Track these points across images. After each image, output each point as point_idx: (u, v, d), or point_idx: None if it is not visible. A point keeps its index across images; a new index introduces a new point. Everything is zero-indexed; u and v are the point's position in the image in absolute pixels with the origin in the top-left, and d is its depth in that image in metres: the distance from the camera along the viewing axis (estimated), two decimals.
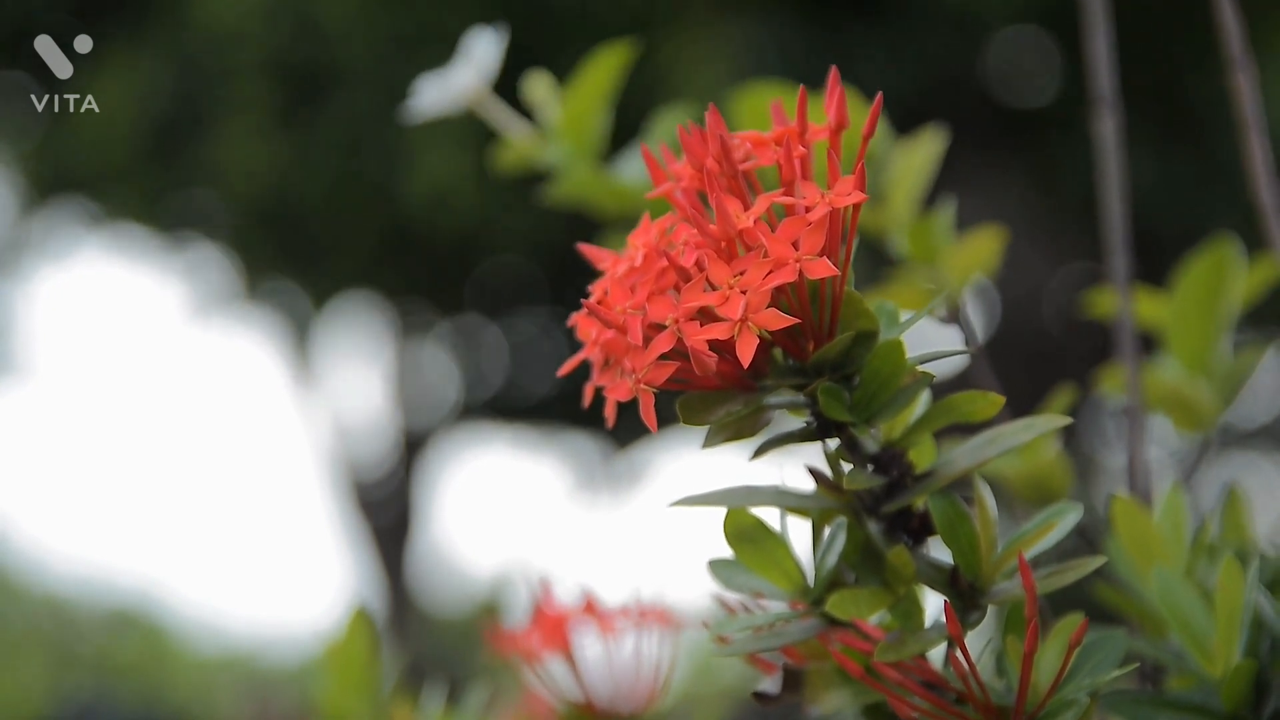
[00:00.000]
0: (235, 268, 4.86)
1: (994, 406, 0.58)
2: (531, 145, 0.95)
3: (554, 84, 0.96)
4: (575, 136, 0.94)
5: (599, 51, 0.93)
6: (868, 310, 0.56)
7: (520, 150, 0.96)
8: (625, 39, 0.95)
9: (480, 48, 0.94)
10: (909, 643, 0.58)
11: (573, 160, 0.94)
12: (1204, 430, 0.90)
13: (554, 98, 0.95)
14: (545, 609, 0.86)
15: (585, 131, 0.94)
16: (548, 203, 0.96)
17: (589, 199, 0.94)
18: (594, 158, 0.95)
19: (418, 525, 5.95)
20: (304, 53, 3.90)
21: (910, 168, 0.89)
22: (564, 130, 0.94)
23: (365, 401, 5.91)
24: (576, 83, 0.94)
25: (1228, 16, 0.83)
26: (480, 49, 0.93)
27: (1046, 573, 0.59)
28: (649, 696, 0.87)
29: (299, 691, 4.52)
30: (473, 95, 0.93)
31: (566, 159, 0.94)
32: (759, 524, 0.61)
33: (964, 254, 0.91)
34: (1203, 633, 0.65)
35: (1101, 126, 0.89)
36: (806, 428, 0.59)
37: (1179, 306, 0.90)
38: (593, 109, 0.94)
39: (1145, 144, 3.53)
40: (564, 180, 0.94)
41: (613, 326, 0.55)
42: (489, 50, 0.93)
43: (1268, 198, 0.82)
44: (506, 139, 0.96)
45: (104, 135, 4.12)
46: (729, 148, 0.57)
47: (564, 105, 0.94)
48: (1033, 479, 0.91)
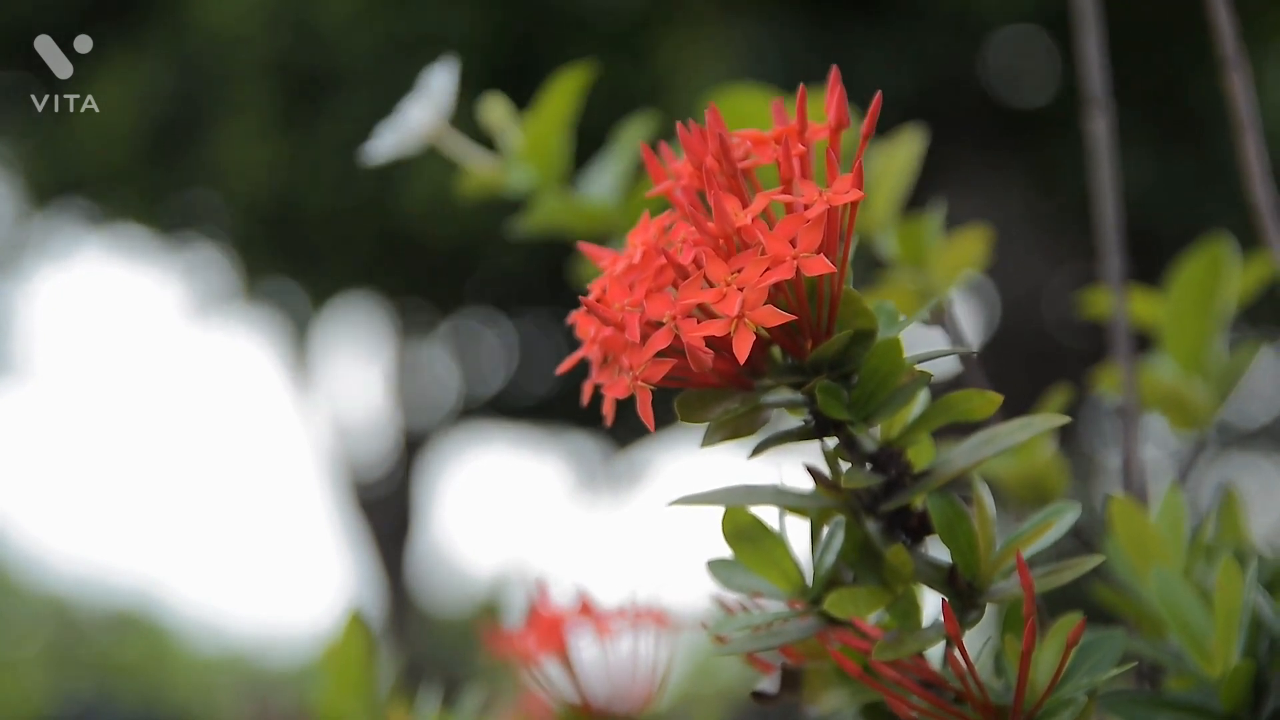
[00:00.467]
0: (235, 268, 4.86)
1: (991, 405, 0.58)
2: (494, 172, 0.95)
3: (512, 109, 0.95)
4: (539, 162, 0.93)
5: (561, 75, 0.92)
6: (866, 309, 0.56)
7: (482, 179, 0.95)
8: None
9: (436, 83, 0.94)
10: (907, 642, 0.59)
11: (537, 186, 0.94)
12: (1200, 429, 0.90)
13: (511, 122, 0.95)
14: (541, 610, 0.86)
15: (548, 156, 0.93)
16: (521, 236, 0.96)
17: (557, 223, 0.94)
18: (559, 182, 0.94)
19: (418, 525, 5.95)
20: (304, 55, 3.91)
21: (890, 168, 0.89)
22: (526, 156, 0.94)
23: (365, 401, 5.91)
24: (538, 107, 0.93)
25: (1221, 16, 0.83)
26: (436, 84, 0.94)
27: (1044, 572, 0.59)
28: (646, 697, 0.87)
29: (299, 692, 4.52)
30: (431, 130, 0.93)
31: (531, 186, 0.94)
32: (757, 523, 0.61)
33: (951, 254, 0.91)
34: (1201, 633, 0.65)
35: (1094, 126, 0.89)
36: (804, 426, 0.59)
37: (1174, 305, 0.90)
38: (554, 133, 0.93)
39: (1145, 144, 3.53)
40: (533, 211, 0.94)
41: (611, 324, 0.55)
42: (444, 85, 0.93)
43: (1263, 196, 0.82)
44: (467, 168, 0.96)
45: (104, 136, 4.13)
46: (728, 146, 0.57)
47: (526, 131, 0.93)
48: (1029, 479, 0.92)
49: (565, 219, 0.93)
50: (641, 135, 0.92)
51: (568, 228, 0.93)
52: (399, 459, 5.86)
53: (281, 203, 4.15)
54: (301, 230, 4.34)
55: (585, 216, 0.93)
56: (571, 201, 0.93)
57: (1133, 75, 3.47)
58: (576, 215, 0.93)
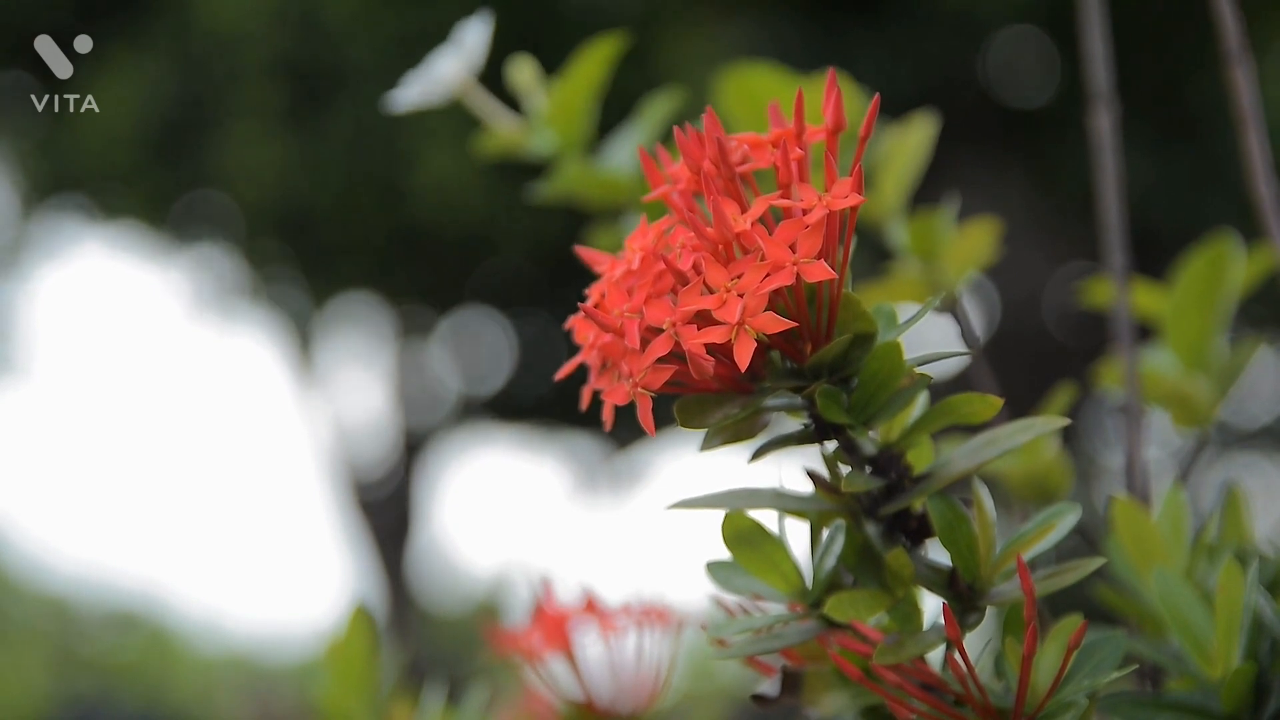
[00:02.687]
0: (240, 267, 4.86)
1: (992, 408, 0.58)
2: (516, 134, 0.94)
3: (541, 73, 0.95)
4: (563, 127, 0.93)
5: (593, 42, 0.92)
6: (865, 312, 0.56)
7: (504, 139, 0.95)
8: (625, 38, 0.94)
9: (469, 37, 0.93)
10: (907, 645, 0.58)
11: (560, 151, 0.93)
12: (1202, 425, 0.90)
13: (539, 85, 0.94)
14: (546, 608, 0.86)
15: (574, 122, 0.93)
16: (539, 201, 0.96)
17: (577, 191, 0.94)
18: (582, 149, 0.94)
19: (418, 525, 5.95)
20: (309, 52, 3.90)
21: (901, 151, 0.89)
22: (551, 120, 0.93)
23: (366, 401, 5.91)
24: (568, 72, 0.93)
25: (1225, 11, 0.83)
26: (469, 38, 0.93)
27: (1045, 574, 0.59)
28: (650, 696, 0.87)
29: (300, 691, 4.52)
30: (459, 84, 0.93)
31: (554, 150, 0.93)
32: (757, 526, 0.61)
33: (961, 247, 0.91)
34: (1202, 634, 0.65)
35: (1098, 123, 0.89)
36: (805, 430, 0.59)
37: (1178, 301, 0.89)
38: (583, 100, 0.93)
39: (1146, 142, 3.53)
40: (555, 176, 0.93)
41: (610, 330, 0.55)
42: (477, 40, 0.93)
43: (1266, 192, 0.82)
44: (490, 127, 0.95)
45: (105, 136, 4.12)
46: (726, 150, 0.57)
47: (553, 95, 0.93)
48: (1033, 478, 0.91)
49: (585, 188, 0.93)
50: (666, 110, 0.92)
51: (584, 196, 0.93)
52: (399, 459, 5.86)
53: (287, 201, 4.15)
54: (307, 229, 4.34)
55: (605, 186, 0.92)
56: (592, 170, 0.93)
57: (1134, 75, 3.47)
58: (596, 184, 0.93)
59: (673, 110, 0.91)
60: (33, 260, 5.39)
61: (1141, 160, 3.45)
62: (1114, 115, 0.89)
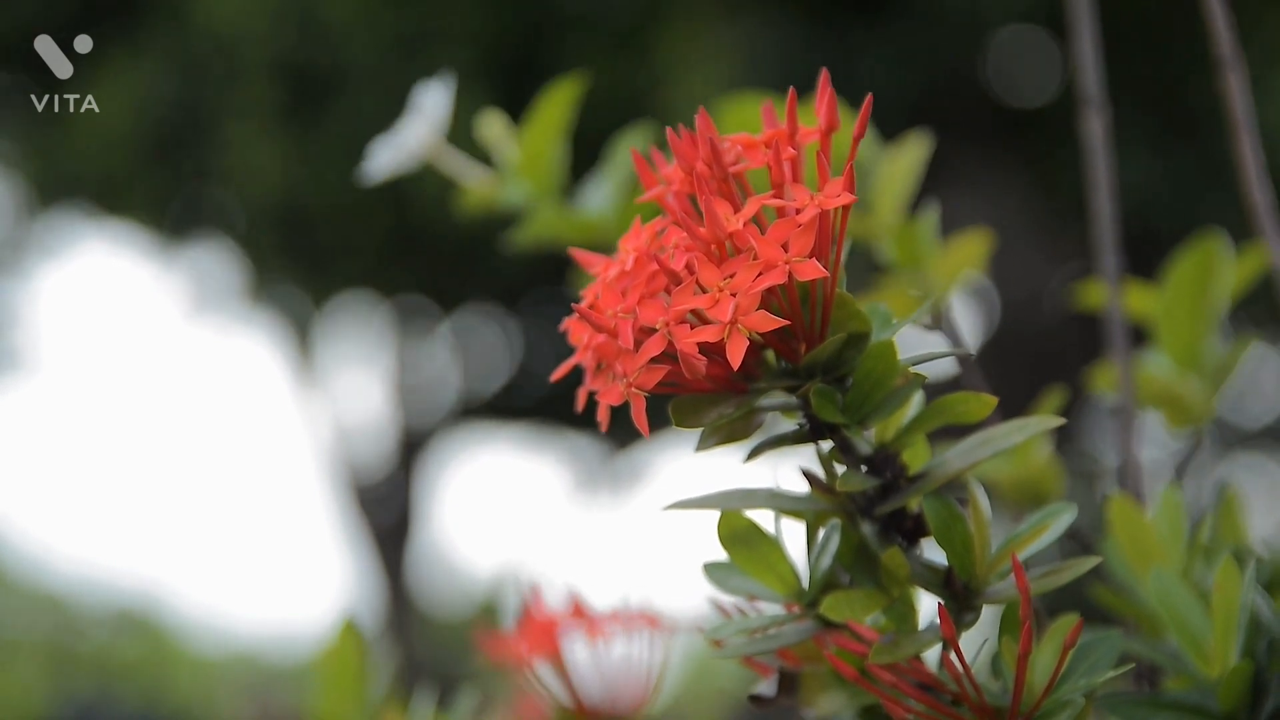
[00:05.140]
0: (241, 267, 4.86)
1: (986, 408, 0.58)
2: (491, 187, 0.95)
3: (508, 122, 0.95)
4: (534, 175, 0.93)
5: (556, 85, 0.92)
6: (859, 312, 0.56)
7: (479, 194, 0.95)
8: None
9: (430, 100, 0.93)
10: (903, 644, 0.58)
11: (533, 200, 0.93)
12: (1196, 426, 0.90)
13: (509, 136, 0.95)
14: (534, 614, 0.86)
15: (543, 169, 0.93)
16: (515, 249, 0.96)
17: (554, 237, 0.94)
18: (555, 195, 0.94)
19: (417, 525, 5.95)
20: (309, 53, 3.90)
21: (896, 173, 0.89)
22: (522, 169, 0.93)
23: (366, 402, 5.91)
24: (532, 119, 0.93)
25: (1218, 17, 0.83)
26: (430, 102, 0.93)
27: (1041, 573, 0.59)
28: (641, 699, 0.87)
29: (300, 691, 4.52)
30: (427, 148, 0.93)
31: (527, 199, 0.93)
32: (753, 526, 0.61)
33: (951, 257, 0.91)
34: (1199, 633, 0.65)
35: (1089, 126, 0.89)
36: (799, 430, 0.59)
37: (1169, 301, 0.89)
38: (549, 145, 0.93)
39: (1145, 143, 3.53)
40: (528, 223, 0.94)
41: (604, 330, 0.55)
42: (439, 102, 0.93)
43: (1259, 197, 0.82)
44: (464, 185, 0.95)
45: (105, 136, 4.12)
46: (719, 150, 0.57)
47: (520, 144, 0.93)
48: (1025, 482, 0.91)
49: (561, 231, 0.93)
50: (637, 146, 0.91)
51: (564, 239, 0.93)
52: (399, 459, 5.86)
53: (287, 201, 4.15)
54: (308, 230, 4.34)
55: (581, 229, 0.93)
56: (567, 214, 0.93)
57: (1132, 75, 3.47)
58: (572, 227, 0.93)
59: (645, 143, 0.91)
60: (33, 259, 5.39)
61: (1143, 160, 3.45)
62: (1105, 120, 0.89)
